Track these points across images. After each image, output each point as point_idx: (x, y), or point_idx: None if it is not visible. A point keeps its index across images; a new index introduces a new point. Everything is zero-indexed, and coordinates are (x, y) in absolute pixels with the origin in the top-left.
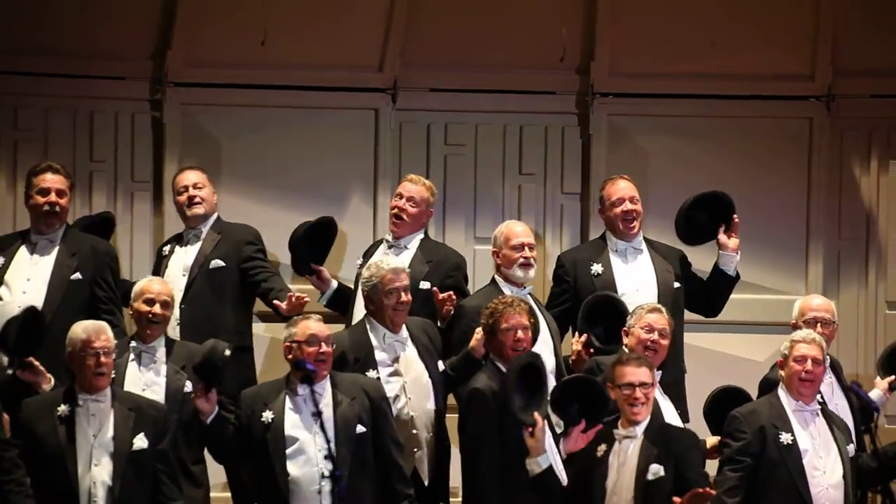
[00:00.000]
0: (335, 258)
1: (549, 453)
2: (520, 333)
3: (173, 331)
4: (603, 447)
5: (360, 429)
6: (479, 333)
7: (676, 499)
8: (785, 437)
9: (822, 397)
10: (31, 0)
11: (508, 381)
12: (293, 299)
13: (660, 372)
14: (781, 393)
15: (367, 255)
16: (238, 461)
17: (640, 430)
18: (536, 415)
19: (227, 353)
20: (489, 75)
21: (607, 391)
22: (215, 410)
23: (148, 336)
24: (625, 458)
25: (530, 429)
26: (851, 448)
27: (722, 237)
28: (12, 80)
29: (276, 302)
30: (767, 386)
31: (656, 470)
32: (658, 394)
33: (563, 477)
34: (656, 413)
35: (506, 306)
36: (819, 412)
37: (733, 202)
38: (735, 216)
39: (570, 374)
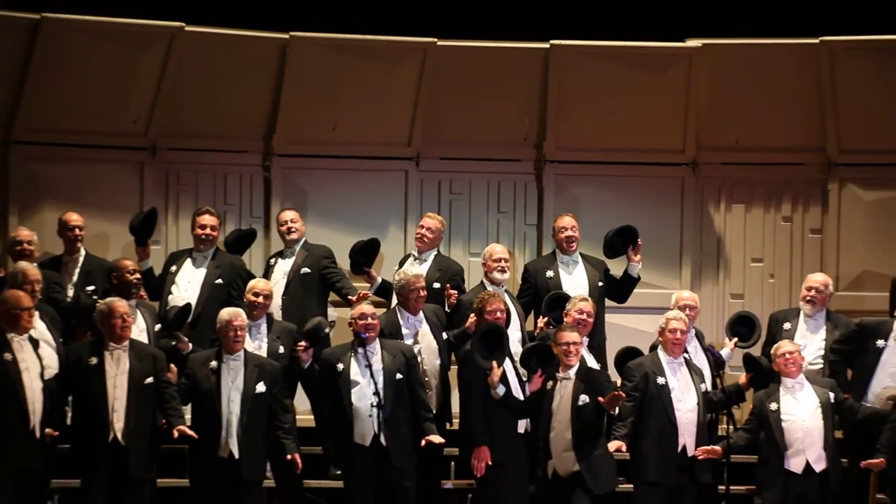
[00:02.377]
0: (378, 264)
1: (514, 390)
2: (498, 314)
3: (277, 314)
4: (550, 383)
5: (398, 376)
6: (472, 318)
7: (601, 398)
8: (660, 380)
9: (688, 355)
10: (188, 103)
11: (473, 342)
12: (360, 294)
13: (587, 339)
14: (659, 351)
15: (401, 264)
16: (318, 395)
17: (572, 373)
18: (494, 363)
19: (328, 330)
20: (478, 149)
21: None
22: (310, 360)
23: (255, 316)
24: (564, 391)
25: (490, 372)
26: (704, 387)
27: (630, 254)
28: (176, 153)
29: (349, 297)
30: (654, 348)
31: (584, 399)
32: (584, 351)
33: (521, 398)
34: (583, 362)
35: (490, 297)
36: (683, 363)
37: (638, 231)
38: (639, 241)
39: (531, 342)
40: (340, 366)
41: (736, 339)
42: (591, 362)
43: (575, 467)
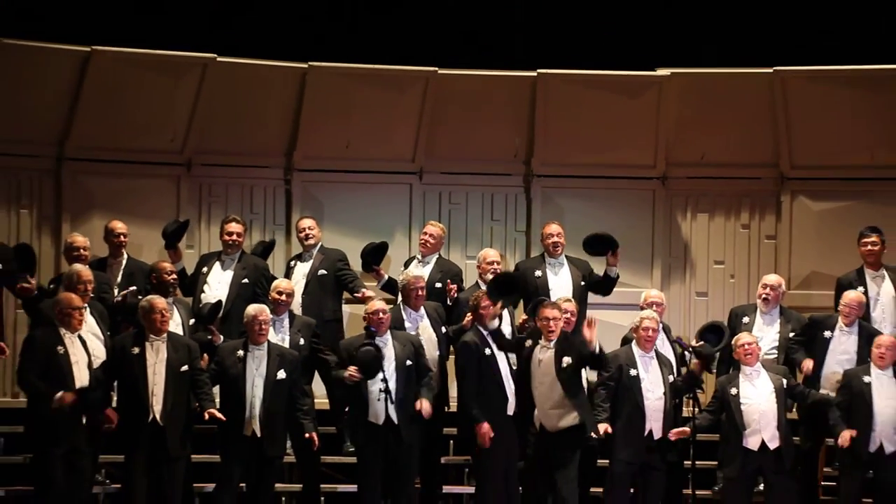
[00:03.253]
0: (385, 265)
1: (505, 378)
2: (491, 310)
3: (298, 310)
4: (529, 342)
5: (408, 363)
6: (469, 317)
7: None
8: (633, 371)
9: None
10: (219, 124)
11: (488, 286)
12: (363, 294)
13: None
14: (633, 345)
15: (406, 265)
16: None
17: (552, 343)
18: (499, 304)
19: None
20: (474, 164)
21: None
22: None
23: (279, 311)
24: (545, 357)
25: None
26: (671, 378)
27: (610, 258)
28: (208, 168)
29: (355, 293)
30: (625, 341)
31: (567, 360)
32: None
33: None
34: (563, 333)
35: (484, 295)
36: (654, 357)
37: (615, 239)
38: (617, 249)
39: (520, 332)
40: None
41: (702, 343)
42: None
43: (560, 423)
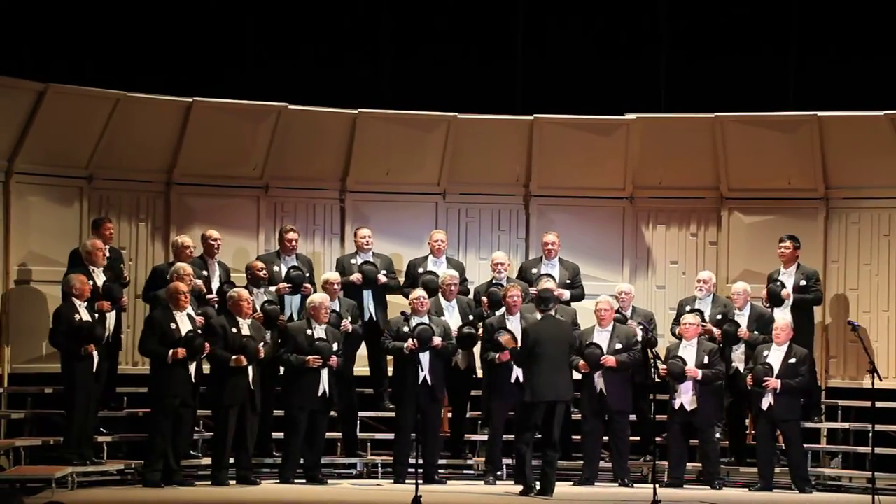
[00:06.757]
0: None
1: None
2: (515, 298)
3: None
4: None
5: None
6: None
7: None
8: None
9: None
10: (289, 156)
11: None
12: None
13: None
14: (596, 323)
15: (417, 265)
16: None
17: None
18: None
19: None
20: (485, 187)
21: None
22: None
23: (332, 296)
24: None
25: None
26: (618, 346)
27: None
28: (281, 190)
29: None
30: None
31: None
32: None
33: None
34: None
35: (511, 286)
36: (610, 330)
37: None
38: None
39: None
40: (406, 328)
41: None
42: None
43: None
